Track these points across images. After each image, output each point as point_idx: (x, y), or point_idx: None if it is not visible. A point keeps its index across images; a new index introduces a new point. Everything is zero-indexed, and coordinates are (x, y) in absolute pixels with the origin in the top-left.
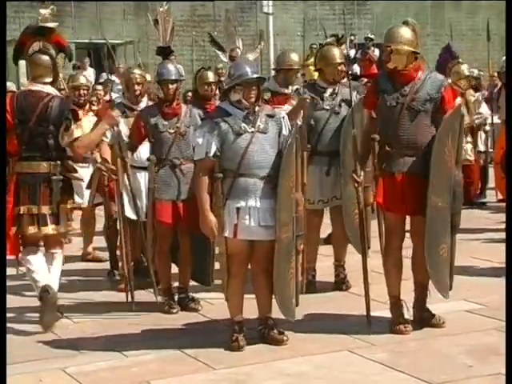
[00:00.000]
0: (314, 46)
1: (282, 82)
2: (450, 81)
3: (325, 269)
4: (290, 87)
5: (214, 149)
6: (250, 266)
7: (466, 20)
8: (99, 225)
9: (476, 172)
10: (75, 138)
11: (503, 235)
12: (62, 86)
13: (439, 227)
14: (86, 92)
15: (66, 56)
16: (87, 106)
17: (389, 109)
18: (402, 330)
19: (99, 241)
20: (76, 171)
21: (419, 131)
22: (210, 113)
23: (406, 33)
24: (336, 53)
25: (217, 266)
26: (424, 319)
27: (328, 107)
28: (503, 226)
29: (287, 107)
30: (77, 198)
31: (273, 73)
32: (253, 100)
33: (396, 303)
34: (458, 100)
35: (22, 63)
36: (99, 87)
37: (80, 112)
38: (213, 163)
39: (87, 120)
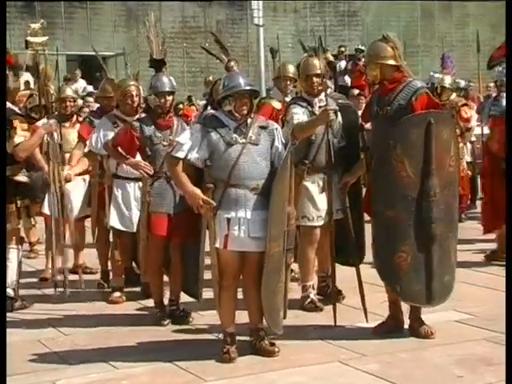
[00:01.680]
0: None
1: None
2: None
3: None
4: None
5: (194, 155)
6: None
7: (456, 31)
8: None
9: (466, 183)
10: (16, 144)
11: (494, 245)
12: (52, 98)
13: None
14: (72, 104)
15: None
16: (74, 118)
17: (374, 119)
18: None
19: (90, 253)
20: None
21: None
22: (205, 119)
23: (379, 48)
24: (312, 64)
25: (207, 276)
26: (414, 329)
27: None
28: (493, 236)
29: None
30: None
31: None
32: (244, 112)
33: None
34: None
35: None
36: (90, 98)
37: (67, 124)
38: (185, 166)
39: (74, 132)
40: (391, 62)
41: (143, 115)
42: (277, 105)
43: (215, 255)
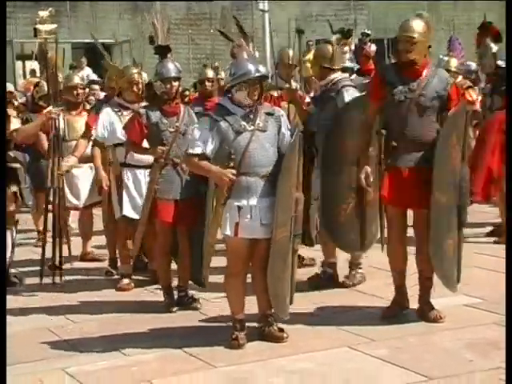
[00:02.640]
0: (311, 43)
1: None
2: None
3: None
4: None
5: (210, 147)
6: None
7: (462, 14)
8: (97, 225)
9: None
10: (13, 129)
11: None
12: (60, 87)
13: (444, 223)
14: (82, 91)
15: None
16: (81, 106)
17: (397, 104)
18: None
19: (98, 240)
20: (15, 161)
21: (425, 127)
22: (211, 109)
23: (423, 25)
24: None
25: (215, 263)
26: (423, 313)
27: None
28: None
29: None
30: (73, 199)
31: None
32: (256, 97)
33: (397, 293)
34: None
35: (19, 65)
36: (96, 86)
37: (74, 112)
38: (205, 159)
39: (82, 120)
40: (425, 42)
41: (145, 103)
42: (274, 93)
43: (214, 236)
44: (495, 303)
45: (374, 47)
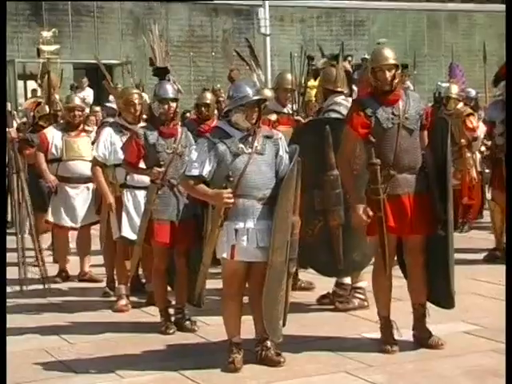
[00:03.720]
0: (314, 67)
1: (282, 102)
2: None
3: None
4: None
5: (207, 169)
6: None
7: (462, 41)
8: (95, 245)
9: (476, 193)
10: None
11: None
12: (58, 107)
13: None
14: (80, 113)
15: None
16: (81, 127)
17: (385, 131)
18: (389, 350)
19: (95, 260)
20: None
21: (415, 149)
22: (209, 132)
23: (389, 51)
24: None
25: (209, 286)
26: (423, 341)
27: None
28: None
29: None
30: (67, 220)
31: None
32: (254, 121)
33: (385, 323)
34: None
35: (20, 84)
36: (97, 108)
37: (73, 133)
38: (201, 181)
39: (81, 140)
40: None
41: (144, 124)
42: (272, 117)
43: (209, 257)
44: (494, 330)
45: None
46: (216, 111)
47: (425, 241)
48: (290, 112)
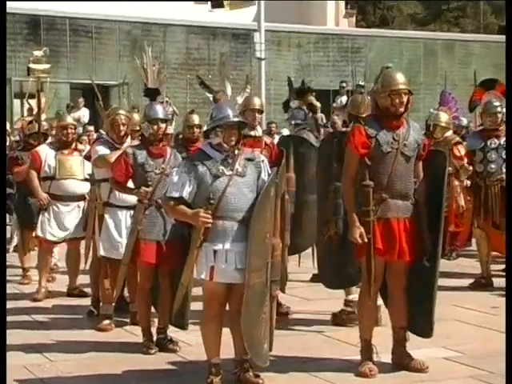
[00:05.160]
0: (314, 94)
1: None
2: None
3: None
4: (258, 129)
5: (187, 190)
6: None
7: (458, 70)
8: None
9: (466, 220)
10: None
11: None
12: (46, 126)
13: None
14: (73, 131)
15: None
16: (73, 145)
17: (383, 155)
18: (367, 373)
19: (82, 279)
20: None
21: (409, 177)
22: (190, 154)
23: (402, 76)
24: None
25: (193, 307)
26: (404, 364)
27: None
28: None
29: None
30: (56, 233)
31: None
32: (233, 143)
33: (366, 346)
34: None
35: (17, 103)
36: (91, 128)
37: (66, 151)
38: (182, 202)
39: (73, 159)
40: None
41: (136, 143)
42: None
43: (188, 277)
44: (474, 357)
45: (369, 98)
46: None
47: (409, 266)
48: (259, 135)
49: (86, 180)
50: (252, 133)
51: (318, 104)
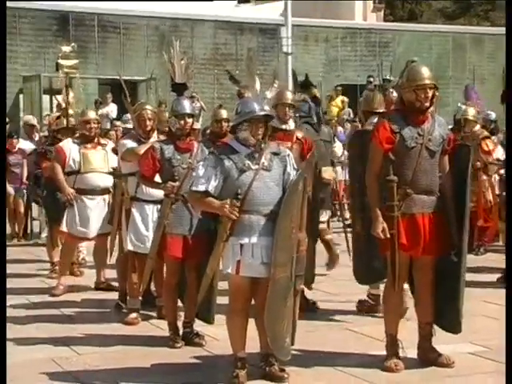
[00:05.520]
0: (339, 88)
1: (281, 118)
2: None
3: None
4: (290, 123)
5: (212, 185)
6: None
7: (487, 64)
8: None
9: (494, 215)
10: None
11: None
12: (74, 121)
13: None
14: (96, 126)
15: None
16: (96, 140)
17: (408, 150)
18: (393, 368)
19: (109, 273)
20: None
21: (434, 172)
22: (217, 148)
23: (428, 70)
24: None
25: (219, 301)
26: (431, 359)
27: None
28: None
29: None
30: (81, 229)
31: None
32: (259, 137)
33: (392, 341)
34: None
35: (46, 98)
36: (118, 122)
37: (89, 145)
38: (207, 197)
39: (97, 153)
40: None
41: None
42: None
43: (213, 268)
44: (501, 353)
45: (395, 93)
46: None
47: (435, 260)
48: (290, 128)
49: (110, 173)
50: (283, 126)
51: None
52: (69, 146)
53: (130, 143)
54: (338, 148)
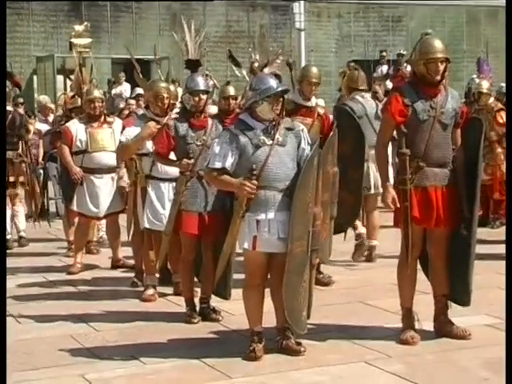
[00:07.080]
0: (352, 64)
1: (306, 95)
2: None
3: None
4: (313, 100)
5: (229, 161)
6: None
7: (502, 37)
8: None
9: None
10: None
11: None
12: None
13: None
14: (100, 104)
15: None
16: (102, 118)
17: (420, 123)
18: (409, 341)
19: (124, 251)
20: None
21: (447, 145)
22: (230, 124)
23: (441, 43)
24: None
25: (235, 276)
26: (447, 332)
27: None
28: None
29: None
30: (93, 208)
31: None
32: (277, 112)
33: (407, 314)
34: None
35: (60, 79)
36: (132, 101)
37: (95, 124)
38: (224, 173)
39: (103, 132)
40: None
41: (174, 115)
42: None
43: (231, 245)
44: None
45: (409, 68)
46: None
47: (449, 233)
48: (312, 105)
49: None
50: (307, 103)
51: None
52: (75, 126)
53: (131, 130)
54: None
